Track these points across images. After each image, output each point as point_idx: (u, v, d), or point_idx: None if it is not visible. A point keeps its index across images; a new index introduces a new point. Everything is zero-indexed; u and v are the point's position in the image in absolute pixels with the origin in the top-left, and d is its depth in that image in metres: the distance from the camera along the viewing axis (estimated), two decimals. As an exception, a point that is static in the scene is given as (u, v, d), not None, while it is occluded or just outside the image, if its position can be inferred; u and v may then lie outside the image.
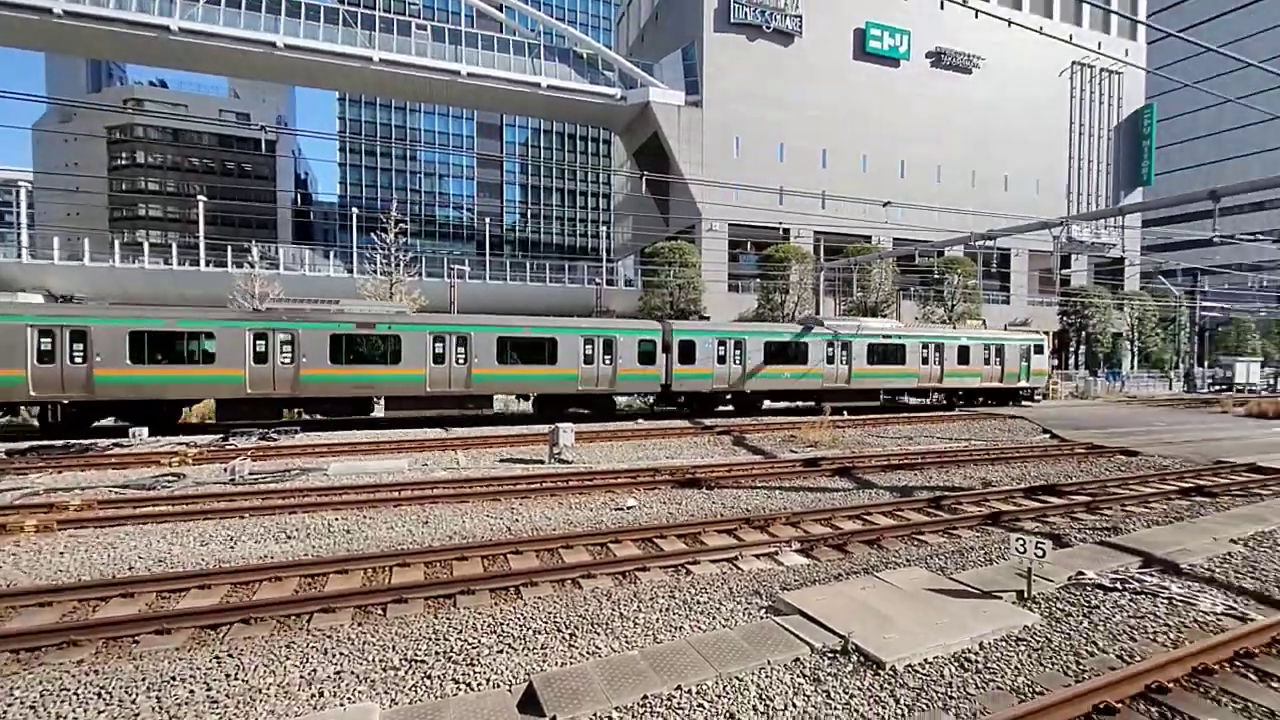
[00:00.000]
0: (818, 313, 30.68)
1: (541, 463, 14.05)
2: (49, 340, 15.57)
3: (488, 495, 10.90)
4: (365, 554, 7.74)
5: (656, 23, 49.64)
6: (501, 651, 5.31)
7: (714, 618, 6.02)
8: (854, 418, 22.65)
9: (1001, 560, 7.72)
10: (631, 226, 50.88)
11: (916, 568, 7.47)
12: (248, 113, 77.98)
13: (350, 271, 40.22)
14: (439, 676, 4.89)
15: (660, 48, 45.28)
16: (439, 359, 18.87)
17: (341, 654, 5.22)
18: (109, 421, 17.77)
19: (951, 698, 4.65)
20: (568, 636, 5.58)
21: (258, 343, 17.29)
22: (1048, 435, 19.70)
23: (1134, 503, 11.08)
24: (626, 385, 21.63)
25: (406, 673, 4.94)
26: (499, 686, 4.75)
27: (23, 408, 17.74)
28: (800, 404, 25.90)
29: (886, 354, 25.55)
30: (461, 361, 19.08)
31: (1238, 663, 5.23)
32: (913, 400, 29.84)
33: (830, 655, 5.18)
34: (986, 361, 27.65)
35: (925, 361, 26.27)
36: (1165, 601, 6.51)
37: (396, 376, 18.56)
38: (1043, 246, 46.63)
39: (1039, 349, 29.55)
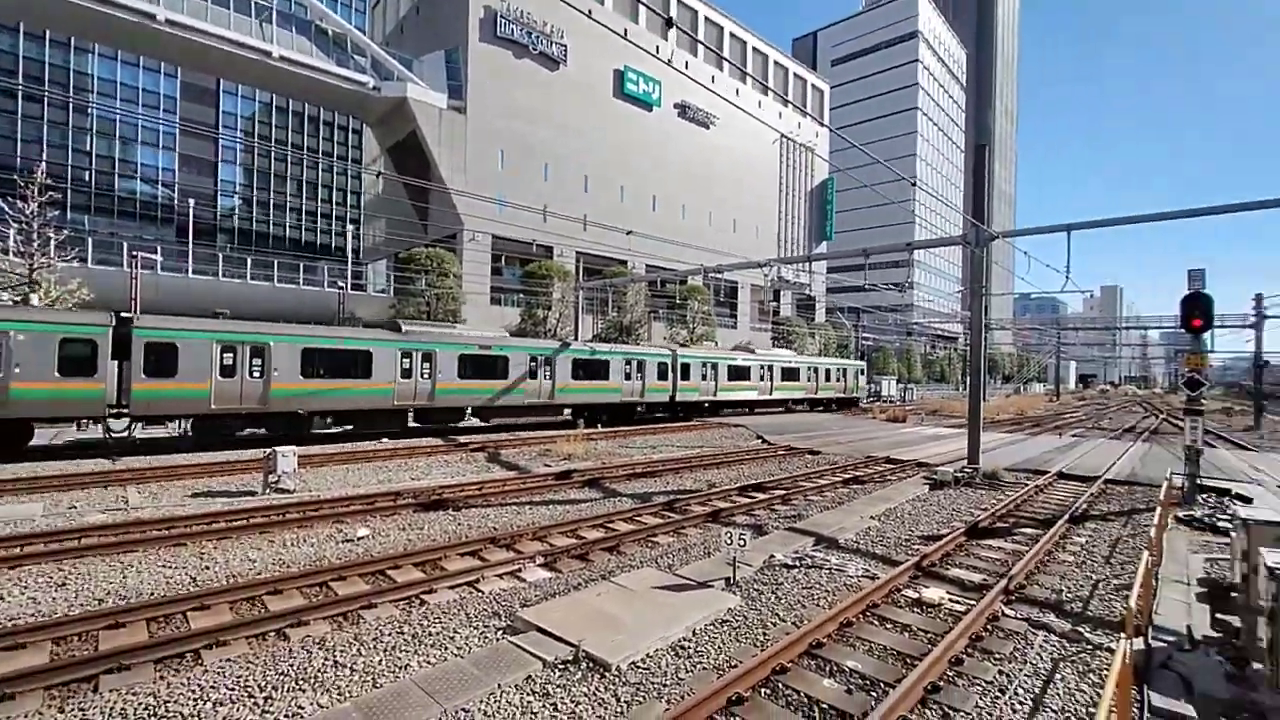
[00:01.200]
0: (576, 331, 31.92)
1: (254, 493, 11.86)
2: (231, 356, 16.52)
3: (168, 540, 8.76)
4: (-58, 642, 5.54)
5: (419, 16, 46.98)
6: (160, 739, 4.24)
7: (447, 649, 5.68)
8: (608, 430, 23.96)
9: (717, 552, 8.81)
10: (385, 228, 46.80)
11: (648, 568, 8.11)
12: None
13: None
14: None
15: (422, 44, 42.90)
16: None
17: None
18: None
19: (666, 686, 5.10)
20: (261, 701, 4.71)
21: (404, 360, 19.75)
22: (759, 440, 23.40)
23: (814, 493, 13.74)
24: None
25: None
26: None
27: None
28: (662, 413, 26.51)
29: (787, 374, 36.34)
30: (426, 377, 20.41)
31: (867, 613, 6.76)
32: (700, 409, 32.79)
33: (562, 666, 5.27)
34: (838, 378, 41.81)
35: (814, 377, 38.91)
36: (827, 572, 8.14)
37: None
38: (759, 282, 55.88)
39: (862, 371, 46.02)
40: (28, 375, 13.77)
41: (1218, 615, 7.04)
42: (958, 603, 7.15)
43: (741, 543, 7.61)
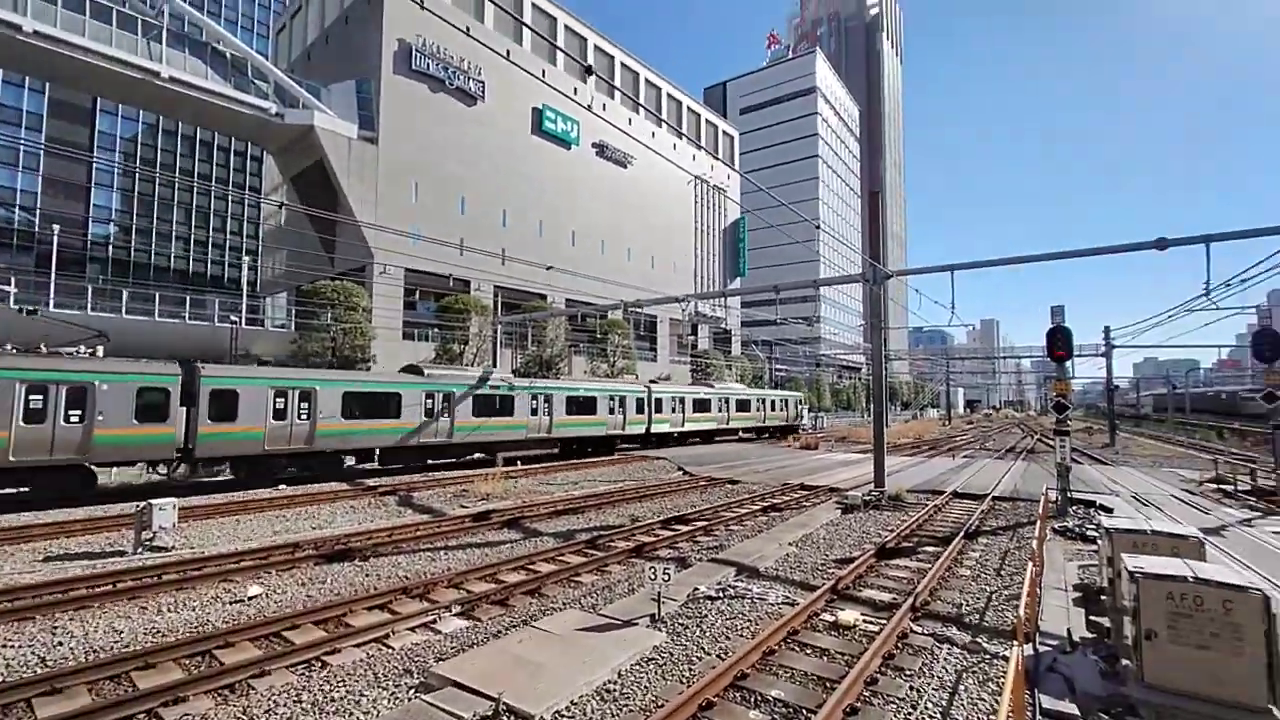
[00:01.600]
0: (494, 363, 31.23)
1: (123, 554, 10.51)
2: (282, 400, 17.91)
3: (9, 615, 7.55)
4: None
5: (328, 45, 45.63)
6: None
7: (352, 715, 5.22)
8: (527, 467, 23.37)
9: (642, 588, 8.72)
10: (286, 260, 44.09)
11: (572, 610, 7.89)
12: None
13: None
14: None
15: (332, 72, 41.57)
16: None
17: None
18: None
19: (591, 733, 4.93)
20: (125, 798, 4.10)
21: (427, 401, 21.40)
22: (681, 472, 23.63)
23: (735, 522, 13.99)
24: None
25: None
26: None
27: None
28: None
29: (740, 405, 40.42)
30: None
31: (789, 640, 6.91)
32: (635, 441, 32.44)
33: (480, 723, 4.98)
34: (782, 408, 46.19)
35: (763, 407, 43.23)
36: (749, 601, 8.26)
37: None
38: (678, 316, 57.28)
39: (802, 401, 52.26)
40: (110, 423, 14.79)
41: (1091, 617, 7.77)
42: (871, 623, 7.46)
43: (665, 577, 7.60)
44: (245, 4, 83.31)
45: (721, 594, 8.48)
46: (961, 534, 12.23)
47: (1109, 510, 14.76)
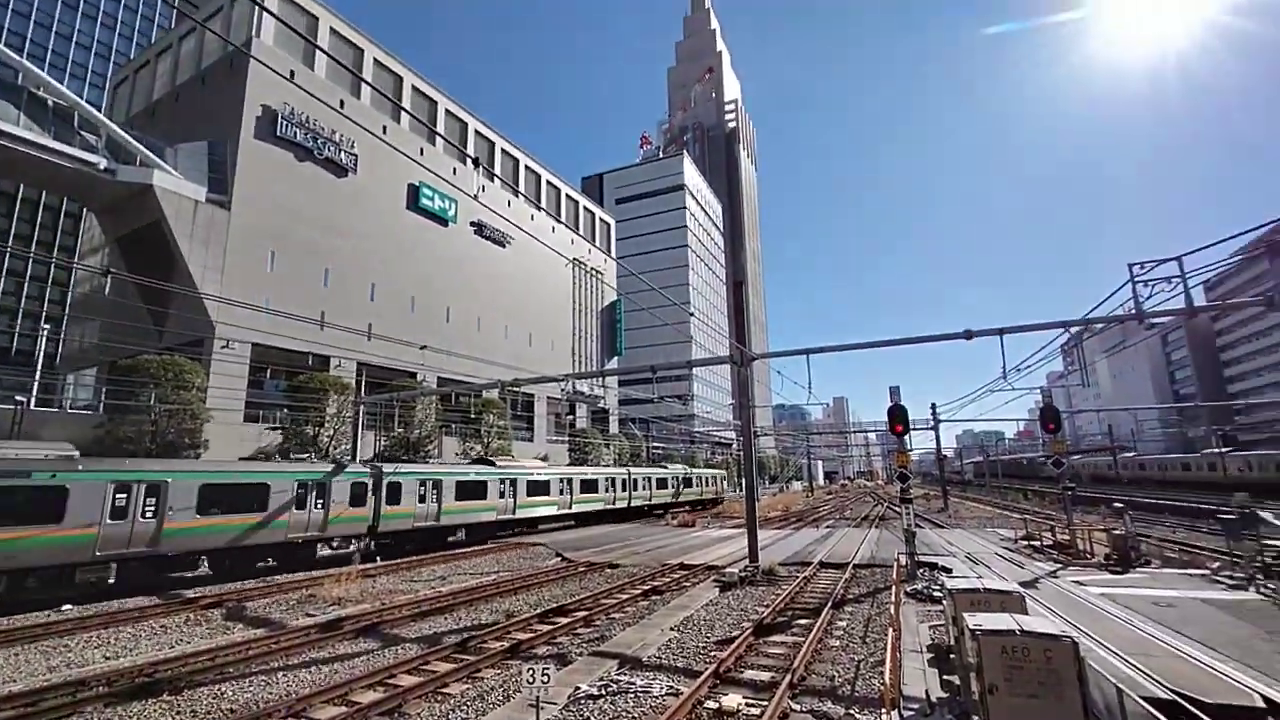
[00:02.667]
0: (354, 450, 28.66)
1: None
2: (424, 488, 24.61)
3: None
4: None
5: (178, 103, 42.38)
6: None
7: None
8: (387, 563, 21.17)
9: (519, 693, 8.05)
10: (100, 331, 38.12)
11: (438, 728, 7.05)
12: None
13: None
14: None
15: (181, 131, 38.40)
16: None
17: None
18: None
19: None
20: None
21: (503, 485, 28.34)
22: (559, 558, 22.68)
23: (616, 610, 13.55)
24: None
25: None
26: None
27: None
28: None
29: (662, 483, 46.64)
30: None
31: (674, 735, 6.66)
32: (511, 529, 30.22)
33: None
34: (710, 483, 56.53)
35: (686, 484, 49.37)
36: (633, 696, 7.92)
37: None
38: (556, 395, 56.90)
39: (724, 477, 62.12)
40: (337, 509, 20.76)
41: (944, 677, 8.39)
42: (754, 706, 7.45)
43: (545, 679, 7.09)
44: (80, 53, 75.75)
45: (604, 691, 8.06)
46: (829, 604, 12.83)
47: (949, 571, 16.34)
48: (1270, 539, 15.84)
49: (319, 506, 20.42)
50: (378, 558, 22.52)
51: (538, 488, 31.80)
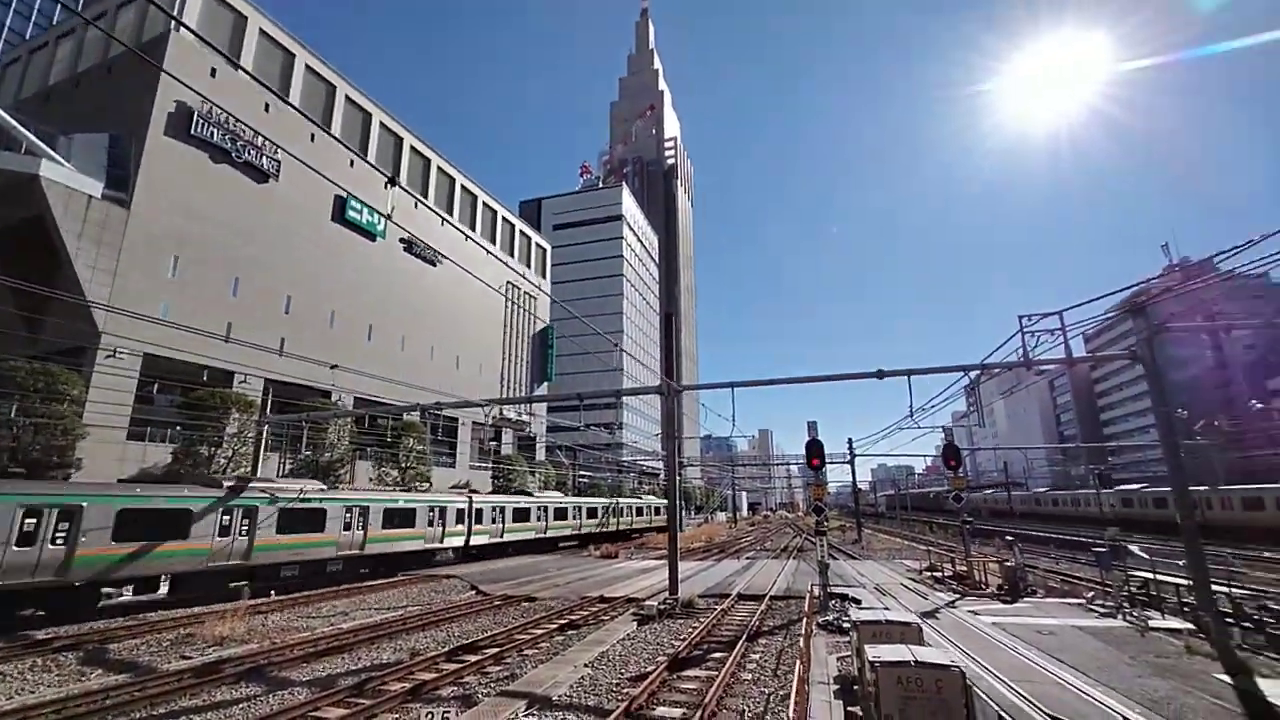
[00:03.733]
0: (255, 471, 26.59)
1: None
2: (494, 512, 33.92)
3: None
4: None
5: (78, 90, 39.02)
6: None
7: None
8: (283, 598, 19.56)
9: (415, 740, 7.56)
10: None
11: (321, 781, 6.48)
12: None
13: None
14: None
15: (79, 121, 35.26)
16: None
17: None
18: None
19: None
20: None
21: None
22: (474, 592, 21.74)
23: (529, 646, 13.08)
24: None
25: None
26: None
27: None
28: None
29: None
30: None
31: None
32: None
33: None
34: (656, 512, 61.92)
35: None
36: (539, 738, 7.60)
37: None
38: (481, 419, 55.31)
39: (653, 508, 62.34)
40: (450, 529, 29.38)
41: (848, 708, 8.60)
42: (661, 745, 7.32)
43: (444, 723, 6.72)
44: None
45: (509, 734, 7.71)
46: (744, 637, 12.94)
47: (858, 602, 16.92)
48: (1135, 570, 17.46)
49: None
50: (271, 592, 20.80)
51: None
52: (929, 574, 23.54)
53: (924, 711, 6.35)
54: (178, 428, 30.70)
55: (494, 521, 33.70)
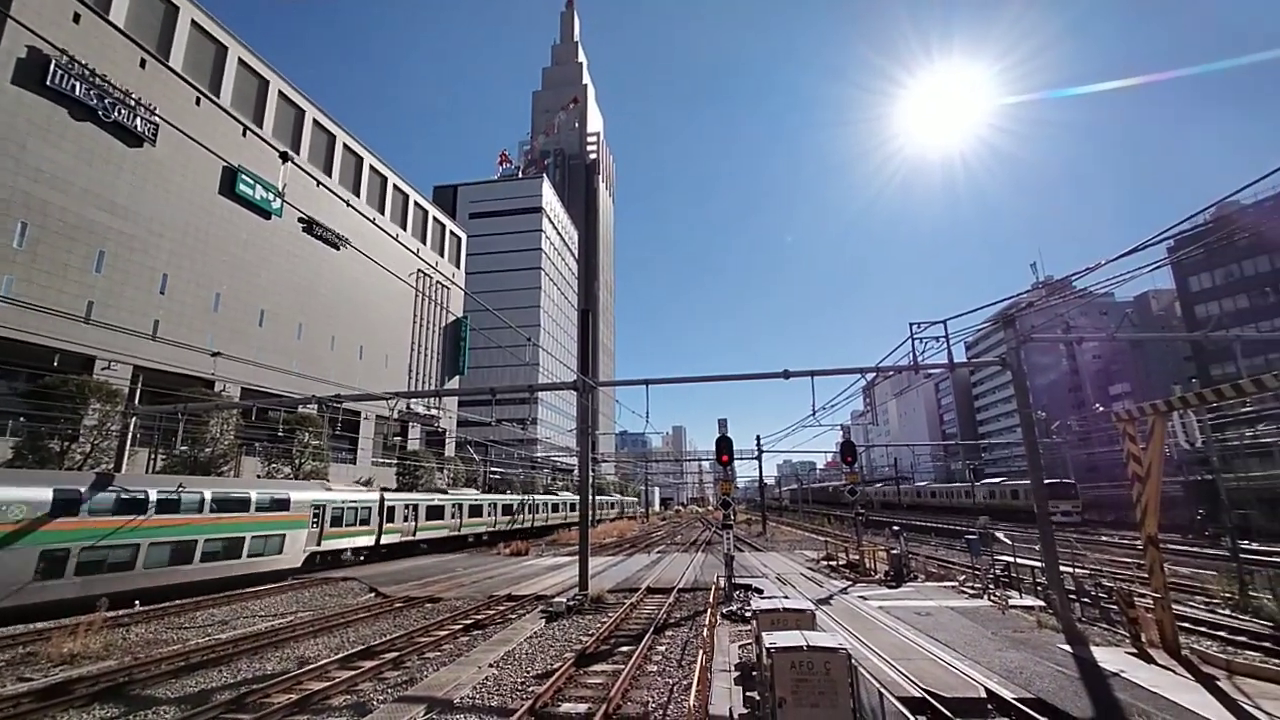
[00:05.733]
0: (118, 467, 23.86)
1: None
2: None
3: None
4: None
5: (-107, 22, 33.09)
6: None
7: None
8: (148, 608, 17.66)
9: (300, 754, 7.10)
10: None
11: (189, 806, 5.93)
12: None
13: None
14: None
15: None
16: None
17: None
18: None
19: None
20: None
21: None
22: (373, 594, 20.69)
23: (431, 648, 12.63)
24: None
25: None
26: None
27: None
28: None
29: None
30: None
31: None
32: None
33: None
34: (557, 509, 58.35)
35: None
36: (438, 742, 7.37)
37: None
38: (386, 413, 52.64)
39: (570, 504, 61.29)
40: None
41: (747, 694, 8.98)
42: (564, 741, 7.31)
43: (333, 733, 6.36)
44: None
45: (405, 740, 7.41)
46: (651, 630, 13.18)
47: (761, 592, 17.70)
48: (1000, 555, 19.46)
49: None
50: (136, 601, 18.72)
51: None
52: (826, 563, 25.02)
53: (814, 692, 6.76)
54: (20, 419, 26.93)
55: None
